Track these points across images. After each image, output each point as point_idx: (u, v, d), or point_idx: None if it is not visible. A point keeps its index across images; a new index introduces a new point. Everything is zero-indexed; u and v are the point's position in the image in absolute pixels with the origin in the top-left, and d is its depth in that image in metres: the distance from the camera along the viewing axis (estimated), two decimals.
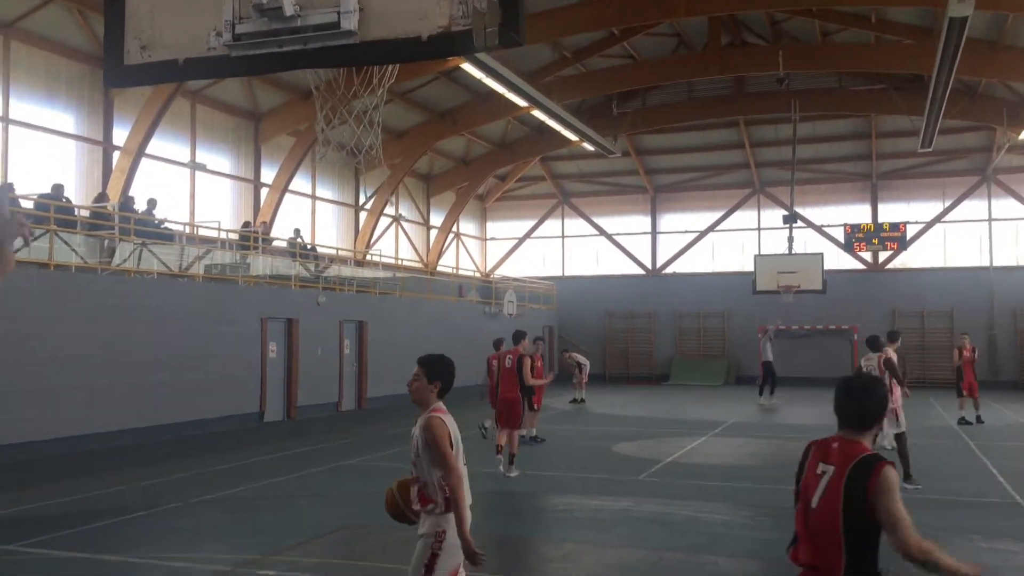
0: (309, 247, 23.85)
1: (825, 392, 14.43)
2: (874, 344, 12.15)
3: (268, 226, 22.70)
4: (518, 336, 13.51)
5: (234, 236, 20.87)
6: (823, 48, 24.58)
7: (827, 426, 13.27)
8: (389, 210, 29.46)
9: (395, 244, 30.41)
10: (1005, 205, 30.31)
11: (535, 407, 15.02)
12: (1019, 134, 25.47)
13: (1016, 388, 27.80)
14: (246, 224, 22.31)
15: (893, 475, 3.44)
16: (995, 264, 30.03)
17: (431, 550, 4.24)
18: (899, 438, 11.11)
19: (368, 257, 27.25)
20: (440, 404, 4.56)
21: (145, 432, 14.98)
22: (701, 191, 34.01)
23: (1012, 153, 28.22)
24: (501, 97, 22.36)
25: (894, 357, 11.84)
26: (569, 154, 32.69)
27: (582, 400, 23.44)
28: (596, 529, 8.93)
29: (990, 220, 30.37)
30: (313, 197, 26.13)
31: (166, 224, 18.98)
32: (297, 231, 23.17)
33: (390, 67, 7.31)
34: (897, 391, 11.45)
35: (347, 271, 24.63)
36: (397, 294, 25.05)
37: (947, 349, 26.60)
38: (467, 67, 19.26)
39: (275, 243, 22.72)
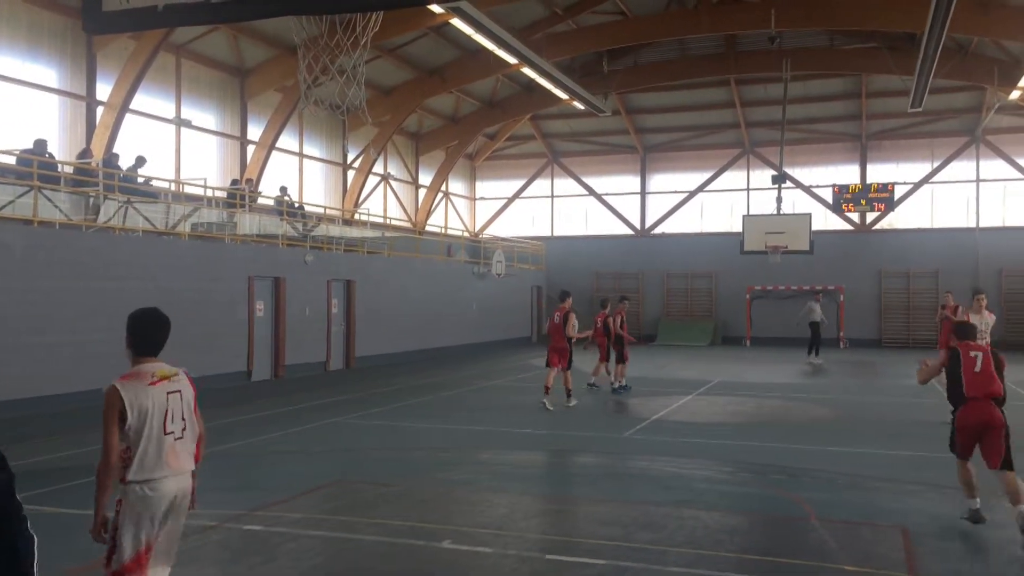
0: (296, 205, 23.70)
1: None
2: None
3: (255, 184, 22.52)
4: (564, 295, 15.27)
5: (221, 194, 20.71)
6: (816, 5, 24.30)
7: (805, 384, 13.45)
8: (378, 168, 29.25)
9: (383, 203, 30.26)
10: (993, 166, 30.34)
11: (624, 359, 16.76)
12: (1009, 94, 25.43)
13: (1000, 347, 28.00)
14: (234, 182, 22.14)
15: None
16: (981, 225, 30.14)
17: (113, 519, 4.17)
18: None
19: (356, 216, 27.12)
20: (136, 368, 4.33)
21: None
22: (691, 151, 33.88)
23: (1002, 113, 28.19)
24: (491, 54, 22.11)
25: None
26: (559, 112, 32.45)
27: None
28: (581, 484, 9.04)
29: (978, 181, 30.41)
30: (301, 155, 25.91)
31: (152, 181, 18.81)
32: (284, 189, 23.01)
33: (373, 17, 7.18)
34: None
35: (335, 230, 24.51)
36: (385, 253, 24.98)
37: (932, 310, 26.77)
38: (456, 23, 19.04)
39: (262, 201, 22.56)
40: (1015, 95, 25.36)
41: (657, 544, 6.67)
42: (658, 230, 34.29)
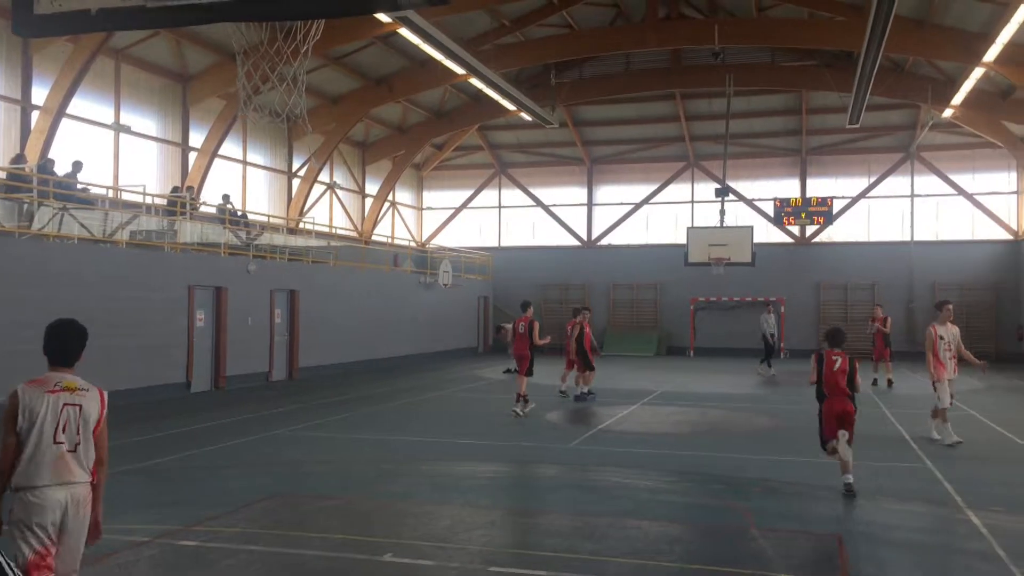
0: (239, 214, 23.34)
1: (751, 362, 14.67)
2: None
3: (196, 191, 22.12)
4: (525, 305, 15.92)
5: (161, 201, 20.28)
6: (758, 23, 24.89)
7: (747, 395, 13.65)
8: (324, 177, 28.98)
9: (329, 212, 29.98)
10: (927, 181, 31.28)
11: (592, 367, 17.29)
12: (942, 112, 26.27)
13: None
14: (174, 189, 21.71)
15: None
16: (916, 239, 31.03)
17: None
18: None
19: (301, 225, 26.81)
20: (46, 375, 4.40)
21: None
22: (637, 163, 34.28)
23: (935, 131, 29.08)
24: (438, 64, 22.10)
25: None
26: (507, 124, 32.58)
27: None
28: (524, 496, 9.03)
29: (912, 196, 31.32)
30: (244, 163, 25.54)
31: (88, 188, 18.34)
32: (227, 197, 22.64)
33: (315, 25, 7.11)
34: None
35: (279, 239, 24.20)
36: (331, 263, 24.73)
37: (869, 321, 27.41)
38: (404, 32, 18.98)
39: (204, 209, 22.16)
40: (948, 113, 26.23)
41: (599, 555, 6.69)
42: (604, 241, 34.58)
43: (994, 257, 30.31)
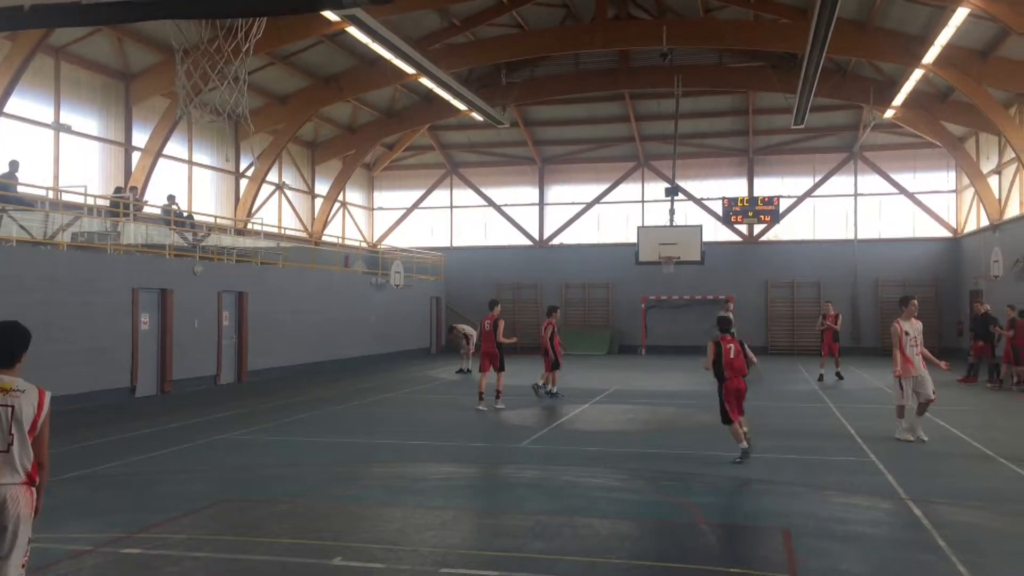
0: (185, 214, 22.91)
1: (702, 359, 14.65)
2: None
3: (140, 192, 21.65)
4: (493, 304, 16.30)
5: (103, 202, 19.82)
6: (705, 24, 25.18)
7: (697, 392, 13.79)
8: (272, 177, 28.61)
9: (278, 213, 29.60)
10: (870, 181, 31.99)
11: (559, 366, 17.51)
12: (884, 113, 26.88)
13: (877, 353, 29.52)
14: (117, 190, 21.23)
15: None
16: (859, 237, 31.71)
17: None
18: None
19: (249, 226, 26.42)
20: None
21: None
22: (588, 163, 34.48)
23: (877, 131, 29.76)
24: (388, 63, 21.97)
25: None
26: (458, 123, 32.51)
27: (468, 370, 23.51)
28: (476, 496, 9.01)
29: (856, 195, 32.00)
30: (190, 162, 25.09)
31: (26, 189, 17.83)
32: (171, 197, 22.19)
33: (257, 23, 7.00)
34: None
35: (227, 240, 23.81)
36: (280, 264, 24.42)
37: (815, 318, 27.93)
38: (352, 31, 18.82)
39: (148, 210, 21.71)
40: (889, 114, 26.86)
41: (550, 554, 6.70)
42: (556, 241, 34.71)
43: (934, 254, 31.13)
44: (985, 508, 8.20)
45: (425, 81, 23.22)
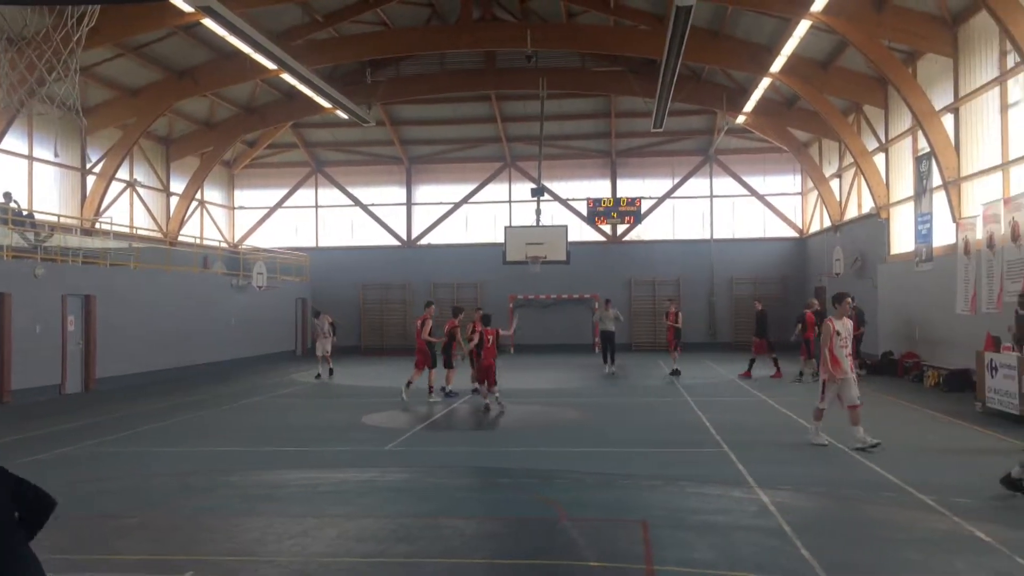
0: (25, 213, 21.43)
1: (569, 356, 15.06)
2: None
3: None
4: (428, 304, 17.83)
5: None
6: (567, 28, 25.68)
7: (561, 389, 14.02)
8: (123, 174, 27.14)
9: (130, 211, 28.13)
10: (724, 183, 33.48)
11: (452, 366, 17.73)
12: (736, 118, 28.18)
13: (732, 348, 30.92)
14: None
15: None
16: (715, 237, 33.14)
17: None
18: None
19: (97, 225, 24.97)
20: None
21: None
22: (455, 163, 34.50)
23: (730, 136, 31.17)
24: (247, 58, 21.23)
25: None
26: (323, 121, 31.85)
27: (324, 375, 22.68)
28: (338, 502, 8.84)
29: (711, 197, 33.42)
30: (31, 158, 23.47)
31: None
32: (9, 195, 20.71)
33: (88, 11, 6.61)
34: None
35: (73, 240, 22.41)
36: (132, 265, 23.20)
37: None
38: (208, 22, 18.09)
39: None
40: (741, 119, 28.19)
41: (413, 556, 6.65)
42: (424, 241, 34.57)
43: (783, 253, 32.91)
44: (825, 495, 8.71)
45: (287, 77, 22.60)
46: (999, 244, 16.19)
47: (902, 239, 22.58)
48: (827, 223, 29.10)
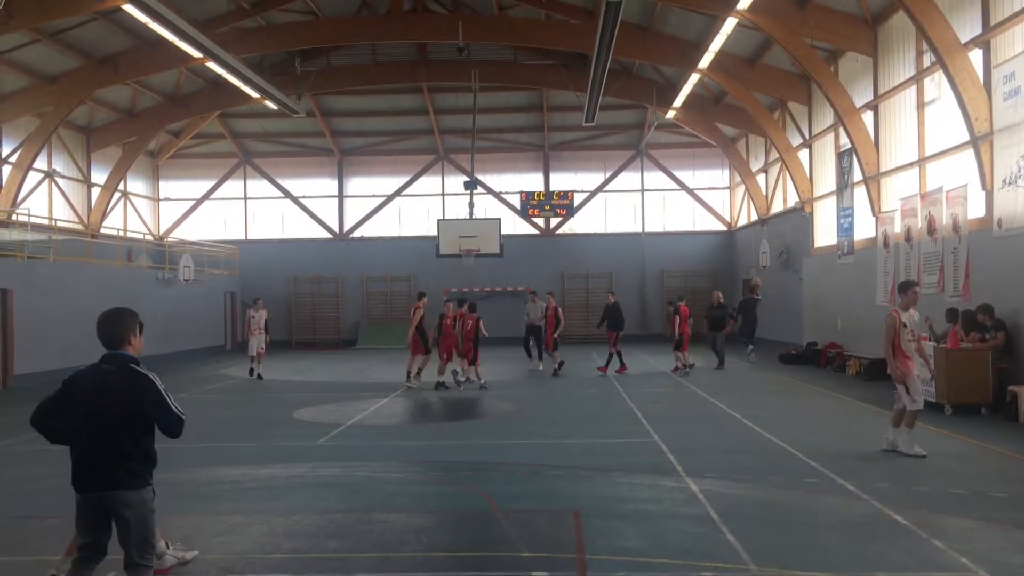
0: None
1: (503, 350, 15.07)
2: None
3: None
4: (420, 295, 19.18)
5: None
6: (499, 21, 25.67)
7: (494, 382, 14.00)
8: (40, 164, 26.17)
9: (48, 203, 27.16)
10: (655, 177, 33.96)
11: (428, 352, 18.52)
12: (666, 113, 28.57)
13: (663, 340, 31.37)
14: None
15: None
16: (646, 230, 33.59)
17: None
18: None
19: (13, 217, 24.02)
20: None
21: None
22: (388, 155, 34.23)
23: (660, 131, 31.60)
24: (171, 45, 20.63)
25: None
26: (251, 111, 31.20)
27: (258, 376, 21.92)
28: (267, 498, 8.70)
29: (643, 190, 33.87)
30: None
31: None
32: None
33: None
34: None
35: None
36: (51, 258, 22.41)
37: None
38: (129, 8, 17.52)
39: None
40: (671, 115, 28.58)
41: (343, 552, 6.60)
42: (357, 234, 34.24)
43: (712, 246, 33.56)
44: (751, 483, 8.93)
45: (213, 66, 22.05)
46: (916, 237, 16.80)
47: (825, 232, 23.25)
48: (754, 217, 29.76)
